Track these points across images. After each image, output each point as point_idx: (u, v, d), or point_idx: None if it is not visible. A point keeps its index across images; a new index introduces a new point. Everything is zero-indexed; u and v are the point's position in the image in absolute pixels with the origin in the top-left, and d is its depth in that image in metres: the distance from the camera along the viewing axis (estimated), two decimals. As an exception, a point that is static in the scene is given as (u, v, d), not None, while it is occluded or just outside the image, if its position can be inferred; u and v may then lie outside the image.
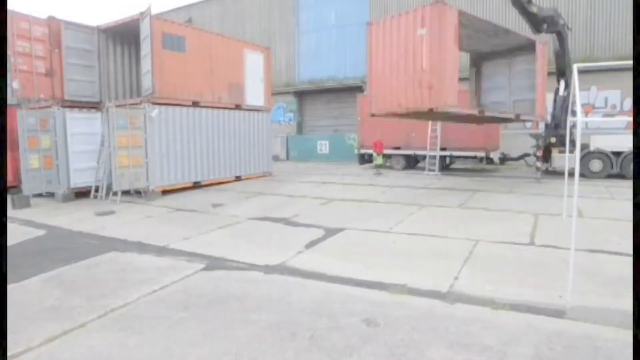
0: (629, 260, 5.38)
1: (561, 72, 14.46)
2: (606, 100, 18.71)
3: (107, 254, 6.56)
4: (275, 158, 21.89)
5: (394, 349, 3.49)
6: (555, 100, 14.88)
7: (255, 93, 15.34)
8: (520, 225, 7.76)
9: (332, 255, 6.26)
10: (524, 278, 5.09)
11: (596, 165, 14.52)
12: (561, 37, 13.97)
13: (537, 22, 13.11)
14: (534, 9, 12.76)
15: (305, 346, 3.58)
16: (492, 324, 3.91)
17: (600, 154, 14.46)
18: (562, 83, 14.41)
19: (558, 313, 4.11)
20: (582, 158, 14.46)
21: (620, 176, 14.14)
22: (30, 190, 11.47)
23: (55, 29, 11.85)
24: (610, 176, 14.35)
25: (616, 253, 5.93)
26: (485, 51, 13.95)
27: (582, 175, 14.54)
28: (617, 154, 14.20)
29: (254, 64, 15.50)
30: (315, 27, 26.02)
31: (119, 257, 6.45)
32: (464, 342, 3.59)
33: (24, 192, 11.45)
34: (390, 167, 18.43)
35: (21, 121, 11.20)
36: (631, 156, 13.69)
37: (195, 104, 13.16)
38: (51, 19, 11.82)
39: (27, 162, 11.31)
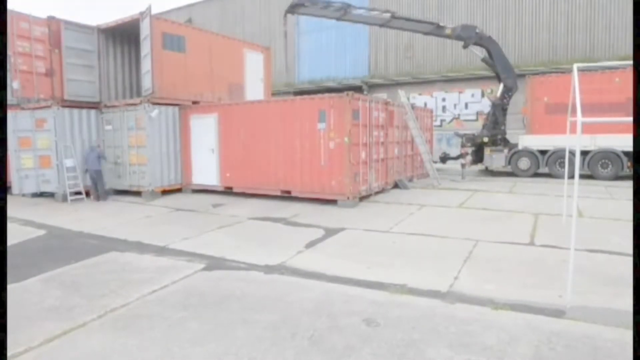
0: (629, 260, 5.39)
1: (498, 76, 15.56)
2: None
3: (107, 254, 6.56)
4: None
5: (394, 349, 3.50)
6: (494, 104, 15.91)
7: (255, 93, 15.34)
8: (520, 225, 7.76)
9: (332, 255, 6.26)
10: (523, 278, 5.09)
11: (524, 163, 15.29)
12: (488, 49, 15.51)
13: (460, 40, 15.25)
14: (447, 32, 14.89)
15: (305, 346, 3.58)
16: (492, 324, 3.91)
17: (528, 153, 15.22)
18: (501, 86, 15.43)
19: (558, 313, 4.11)
20: (512, 157, 15.33)
21: (549, 175, 14.83)
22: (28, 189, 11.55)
23: (55, 28, 11.83)
24: (537, 175, 15.12)
25: (616, 253, 5.93)
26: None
27: (512, 174, 15.38)
28: (543, 152, 14.96)
29: (254, 64, 15.50)
30: (315, 27, 25.98)
31: (119, 257, 6.45)
32: (464, 341, 3.60)
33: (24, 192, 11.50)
34: None
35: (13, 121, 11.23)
36: (555, 155, 14.59)
37: (195, 104, 13.16)
38: (51, 19, 11.81)
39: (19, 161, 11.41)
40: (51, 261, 6.18)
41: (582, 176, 14.04)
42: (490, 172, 16.88)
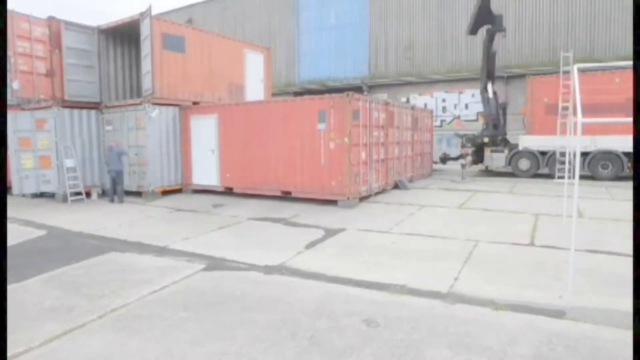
0: (629, 261, 5.40)
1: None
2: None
3: (107, 254, 6.56)
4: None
5: (394, 349, 3.50)
6: (488, 102, 15.88)
7: (255, 93, 15.35)
8: (520, 225, 7.76)
9: (332, 256, 6.26)
10: (524, 278, 5.09)
11: (524, 164, 15.27)
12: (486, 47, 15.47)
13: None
14: None
15: (305, 346, 3.58)
16: (492, 325, 3.91)
17: (528, 154, 15.16)
18: (490, 85, 15.54)
19: (558, 313, 4.11)
20: (512, 157, 15.31)
21: (549, 176, 14.72)
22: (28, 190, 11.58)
23: (55, 29, 11.84)
24: (537, 175, 15.08)
25: (616, 253, 5.93)
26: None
27: (512, 174, 15.38)
28: (543, 153, 14.90)
29: (254, 64, 15.51)
30: (315, 27, 26.03)
31: (119, 257, 6.45)
32: (464, 342, 3.60)
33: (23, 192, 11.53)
34: None
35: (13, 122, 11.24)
36: (555, 156, 14.29)
37: (195, 105, 13.18)
38: (51, 19, 11.81)
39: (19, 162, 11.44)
40: (51, 261, 6.18)
41: (582, 177, 14.05)
42: (490, 173, 16.89)
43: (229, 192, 12.07)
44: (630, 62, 2.91)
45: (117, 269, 5.88)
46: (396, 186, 12.64)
